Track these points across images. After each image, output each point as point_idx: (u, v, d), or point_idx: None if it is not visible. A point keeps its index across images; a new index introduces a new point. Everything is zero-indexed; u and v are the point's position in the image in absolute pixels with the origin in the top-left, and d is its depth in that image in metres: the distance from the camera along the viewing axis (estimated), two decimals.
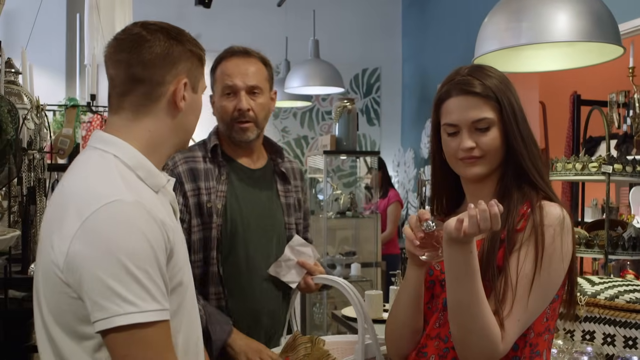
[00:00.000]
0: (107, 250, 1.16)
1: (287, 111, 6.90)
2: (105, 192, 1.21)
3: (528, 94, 5.16)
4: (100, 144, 1.33)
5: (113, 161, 1.29)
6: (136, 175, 1.30)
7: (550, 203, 1.44)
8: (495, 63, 2.32)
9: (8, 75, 2.53)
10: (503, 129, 1.46)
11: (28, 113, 2.23)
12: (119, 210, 1.19)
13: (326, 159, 4.62)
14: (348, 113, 4.55)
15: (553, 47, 2.26)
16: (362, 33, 7.06)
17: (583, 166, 2.40)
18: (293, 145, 6.93)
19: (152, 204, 1.25)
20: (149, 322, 1.17)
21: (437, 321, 1.50)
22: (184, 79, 1.35)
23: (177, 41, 1.36)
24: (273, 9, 6.55)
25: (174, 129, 1.37)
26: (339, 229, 5.01)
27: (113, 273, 1.15)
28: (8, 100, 1.72)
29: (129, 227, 1.18)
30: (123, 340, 1.17)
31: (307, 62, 4.80)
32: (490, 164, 1.49)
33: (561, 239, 1.40)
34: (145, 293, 1.17)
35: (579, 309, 2.06)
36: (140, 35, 1.34)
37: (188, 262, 1.41)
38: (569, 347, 2.01)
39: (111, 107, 1.37)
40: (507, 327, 1.36)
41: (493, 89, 1.47)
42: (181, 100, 1.35)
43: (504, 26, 2.08)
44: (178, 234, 1.34)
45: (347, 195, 4.76)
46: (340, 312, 3.06)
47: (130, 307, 1.15)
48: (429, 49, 6.56)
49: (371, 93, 7.16)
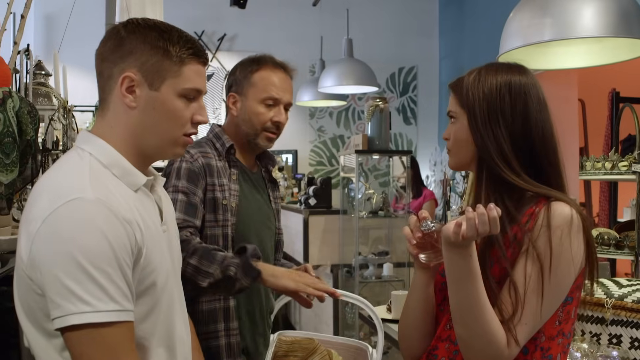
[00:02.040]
0: (64, 249, 1.14)
1: (323, 110, 6.90)
2: (67, 190, 1.19)
3: (566, 92, 5.05)
4: (80, 142, 1.32)
5: (87, 159, 1.27)
6: (111, 173, 1.28)
7: (560, 202, 1.40)
8: (520, 60, 2.27)
9: (38, 77, 2.59)
10: (469, 122, 1.46)
11: (55, 113, 2.28)
12: (78, 208, 1.16)
13: (358, 158, 4.59)
14: (380, 112, 4.52)
15: (580, 44, 2.20)
16: (398, 31, 7.02)
17: (613, 165, 2.33)
18: (329, 144, 6.93)
19: (121, 202, 1.22)
20: (104, 322, 1.15)
21: (448, 323, 1.47)
22: (127, 74, 1.28)
23: (134, 34, 1.29)
24: (308, 9, 6.57)
25: (136, 128, 1.31)
26: (372, 228, 4.99)
27: (69, 272, 1.13)
28: (28, 101, 1.76)
29: (87, 225, 1.16)
30: (78, 339, 1.15)
31: (341, 61, 4.78)
32: (456, 155, 1.52)
33: (570, 239, 1.36)
34: (102, 293, 1.14)
35: (605, 311, 2.01)
36: (110, 29, 1.33)
37: (167, 263, 1.36)
38: (594, 350, 1.95)
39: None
40: (513, 330, 1.33)
41: (464, 83, 1.48)
42: (125, 96, 1.29)
43: (528, 22, 2.04)
44: (152, 234, 1.30)
45: (380, 195, 4.72)
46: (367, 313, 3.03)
47: (85, 306, 1.13)
48: (466, 46, 6.48)
49: (408, 92, 7.11)
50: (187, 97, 1.33)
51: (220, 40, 6.66)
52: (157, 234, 1.33)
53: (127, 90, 1.29)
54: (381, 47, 6.90)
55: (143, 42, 1.28)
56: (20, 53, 2.27)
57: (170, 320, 1.36)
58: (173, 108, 1.31)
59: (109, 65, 1.30)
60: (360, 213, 4.61)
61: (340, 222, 4.87)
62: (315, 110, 6.88)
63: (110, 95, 1.31)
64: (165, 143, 1.34)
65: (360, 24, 6.65)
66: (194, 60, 1.33)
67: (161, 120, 1.31)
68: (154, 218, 1.34)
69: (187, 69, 1.32)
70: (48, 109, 2.38)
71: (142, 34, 1.29)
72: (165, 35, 1.30)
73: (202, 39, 6.63)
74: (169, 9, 5.48)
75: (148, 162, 1.38)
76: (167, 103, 1.31)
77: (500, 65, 1.51)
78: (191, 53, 1.32)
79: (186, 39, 1.33)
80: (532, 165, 1.44)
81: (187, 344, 1.44)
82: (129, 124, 1.31)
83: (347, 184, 4.90)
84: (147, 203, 1.33)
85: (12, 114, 1.69)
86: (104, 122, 1.33)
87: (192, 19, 6.57)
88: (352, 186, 4.72)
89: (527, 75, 1.50)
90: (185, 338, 1.43)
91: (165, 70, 1.29)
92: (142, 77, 1.28)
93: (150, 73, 1.29)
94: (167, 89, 1.30)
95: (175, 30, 1.33)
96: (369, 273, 4.70)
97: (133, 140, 1.32)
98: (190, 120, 1.35)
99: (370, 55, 5.88)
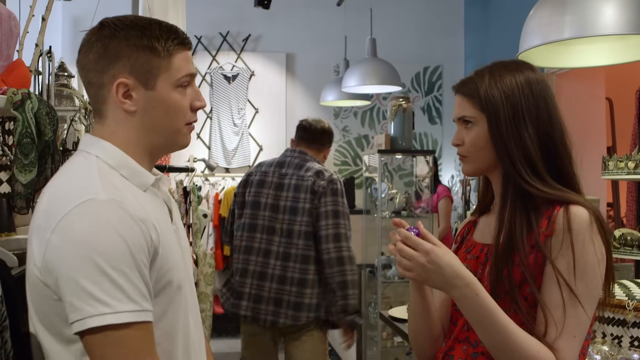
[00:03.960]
0: (80, 251, 1.13)
1: (348, 110, 6.89)
2: (79, 192, 1.18)
3: (593, 90, 4.98)
4: (85, 146, 1.32)
5: (94, 162, 1.27)
6: (120, 174, 1.28)
7: (577, 206, 1.37)
8: (540, 58, 2.24)
9: (61, 78, 2.63)
10: (489, 127, 1.42)
11: (76, 114, 2.31)
12: (92, 209, 1.16)
13: (381, 158, 4.58)
14: (403, 112, 4.50)
15: (602, 41, 2.17)
16: (423, 31, 6.98)
17: (636, 165, 2.29)
18: (354, 144, 6.92)
19: (134, 203, 1.22)
20: (123, 323, 1.13)
21: (466, 324, 1.46)
22: (120, 80, 1.27)
23: (116, 38, 1.27)
24: (332, 8, 6.56)
25: (139, 129, 1.32)
26: (395, 228, 4.97)
27: (86, 273, 1.12)
28: (46, 102, 1.79)
29: (102, 226, 1.15)
30: (98, 342, 1.13)
31: (364, 61, 4.76)
32: (474, 162, 1.46)
33: (593, 242, 1.34)
34: (121, 293, 1.13)
35: (627, 314, 1.98)
36: (86, 37, 1.31)
37: (182, 262, 1.36)
38: (615, 353, 1.92)
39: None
40: (561, 346, 1.29)
41: (478, 86, 1.44)
42: (124, 103, 1.29)
43: (547, 20, 2.01)
44: (166, 233, 1.30)
45: (403, 195, 4.70)
46: (387, 312, 3.03)
47: (104, 307, 1.12)
48: (492, 45, 6.42)
49: (433, 91, 7.06)
50: (182, 86, 1.33)
51: (244, 41, 6.69)
52: (170, 233, 1.33)
53: (124, 95, 1.28)
54: (406, 47, 6.87)
55: (127, 44, 1.27)
56: (43, 55, 2.30)
57: (185, 322, 1.35)
58: (172, 101, 1.31)
59: (97, 74, 1.29)
60: (383, 213, 4.60)
61: (364, 222, 4.86)
62: (340, 110, 6.87)
63: (105, 104, 1.31)
64: (171, 137, 1.35)
65: (384, 23, 6.63)
66: (181, 49, 1.32)
67: (163, 116, 1.31)
68: (164, 217, 1.34)
69: (176, 59, 1.31)
70: (70, 110, 2.43)
71: (123, 36, 1.27)
72: (147, 32, 1.29)
73: (226, 40, 6.67)
74: (192, 10, 5.53)
75: (155, 159, 1.39)
76: (166, 99, 1.31)
77: (510, 63, 1.48)
78: (177, 43, 1.31)
79: (168, 29, 1.32)
80: (555, 167, 1.42)
81: (201, 346, 1.44)
82: (132, 127, 1.31)
83: (370, 184, 4.88)
84: (156, 202, 1.34)
85: (31, 115, 1.72)
86: (104, 129, 1.32)
87: (216, 19, 6.61)
88: (375, 186, 4.70)
89: (537, 72, 1.48)
90: (198, 340, 1.42)
91: (156, 67, 1.29)
92: (136, 80, 1.28)
93: (142, 74, 1.28)
94: (162, 84, 1.30)
95: (154, 23, 1.31)
96: (392, 273, 4.68)
97: (138, 142, 1.32)
98: (190, 107, 1.35)
99: (394, 55, 5.86)
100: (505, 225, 1.39)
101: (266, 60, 6.75)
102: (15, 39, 1.84)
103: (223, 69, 6.68)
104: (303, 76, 6.84)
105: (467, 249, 1.54)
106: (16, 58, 1.92)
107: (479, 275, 1.43)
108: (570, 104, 4.88)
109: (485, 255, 1.46)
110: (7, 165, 1.77)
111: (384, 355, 4.66)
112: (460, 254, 1.53)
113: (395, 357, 4.61)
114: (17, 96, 1.72)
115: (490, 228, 1.49)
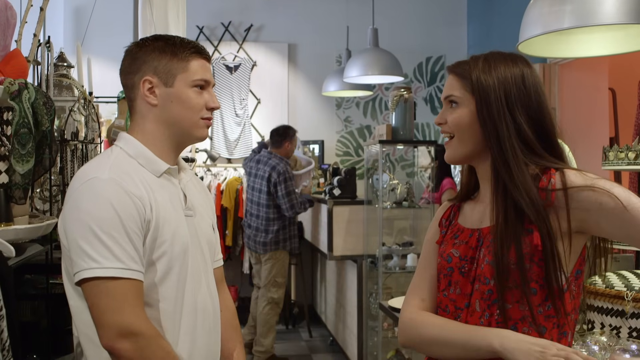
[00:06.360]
0: (80, 217, 1.43)
1: (350, 101, 6.88)
2: (89, 173, 1.49)
3: (596, 81, 4.95)
4: (117, 141, 1.63)
5: (116, 152, 1.58)
6: (137, 162, 1.57)
7: (564, 171, 1.39)
8: (541, 48, 2.23)
9: (60, 68, 2.62)
10: (478, 109, 1.42)
11: (75, 104, 2.30)
12: (94, 185, 1.46)
13: (382, 149, 4.57)
14: (404, 102, 4.48)
15: (604, 31, 2.15)
16: (425, 20, 6.96)
17: (637, 155, 2.27)
18: (356, 134, 6.91)
19: (136, 183, 1.49)
20: (109, 277, 1.40)
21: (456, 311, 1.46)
22: (146, 78, 1.57)
23: (146, 47, 1.59)
24: None
25: (161, 122, 1.60)
26: (396, 219, 4.97)
27: (83, 236, 1.42)
28: (44, 92, 1.78)
29: (98, 198, 1.44)
30: (90, 291, 1.42)
31: (366, 51, 4.74)
32: (459, 144, 1.46)
33: (602, 184, 1.34)
34: (109, 253, 1.41)
35: (625, 304, 1.97)
36: (125, 51, 1.63)
37: (184, 239, 1.57)
38: (613, 344, 1.92)
39: None
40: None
41: (472, 68, 1.45)
42: (148, 97, 1.58)
43: (548, 9, 1.99)
44: (167, 211, 1.54)
45: (404, 186, 4.69)
46: (388, 302, 3.02)
47: (94, 263, 1.40)
48: (495, 35, 6.39)
49: (435, 81, 7.04)
50: (197, 87, 1.60)
51: (247, 31, 6.67)
52: (174, 213, 1.57)
53: (149, 91, 1.57)
54: (408, 37, 6.84)
55: (152, 51, 1.58)
56: (41, 45, 2.30)
57: (192, 291, 1.58)
58: (187, 97, 1.59)
59: (130, 76, 1.60)
60: (385, 203, 4.59)
61: (365, 212, 4.86)
62: (342, 101, 6.86)
63: (135, 101, 1.61)
64: (188, 128, 1.61)
65: (387, 13, 6.60)
66: (197, 56, 1.61)
67: (179, 109, 1.59)
68: (173, 199, 1.59)
69: (192, 64, 1.59)
70: (69, 100, 2.42)
71: (150, 46, 1.59)
72: (169, 42, 1.60)
73: (229, 30, 6.65)
74: (194, 0, 5.51)
75: (178, 150, 1.66)
76: (182, 95, 1.58)
77: (507, 55, 1.49)
78: (194, 51, 1.60)
79: (187, 41, 1.62)
80: (548, 144, 1.43)
81: (211, 316, 1.65)
82: (154, 120, 1.59)
83: (371, 175, 4.87)
84: (168, 187, 1.60)
85: (28, 105, 1.71)
86: (134, 123, 1.63)
87: (218, 10, 6.59)
88: (377, 177, 4.69)
89: (532, 68, 1.50)
90: (211, 310, 1.64)
91: (175, 68, 1.58)
92: (158, 79, 1.57)
93: (163, 74, 1.57)
94: (179, 83, 1.58)
95: (178, 38, 1.62)
96: (393, 264, 4.69)
97: (161, 132, 1.60)
98: (205, 106, 1.61)
99: (397, 45, 5.84)
100: (501, 209, 1.39)
101: (268, 51, 6.73)
102: (12, 29, 1.84)
103: (225, 60, 6.67)
104: (305, 66, 6.83)
105: (453, 234, 1.53)
106: (14, 48, 1.92)
107: (474, 260, 1.43)
108: (573, 94, 4.86)
109: (477, 239, 1.45)
110: (4, 156, 1.76)
111: (384, 345, 4.67)
112: (447, 240, 1.52)
113: (396, 347, 4.61)
114: (14, 86, 1.71)
115: (478, 214, 1.50)
